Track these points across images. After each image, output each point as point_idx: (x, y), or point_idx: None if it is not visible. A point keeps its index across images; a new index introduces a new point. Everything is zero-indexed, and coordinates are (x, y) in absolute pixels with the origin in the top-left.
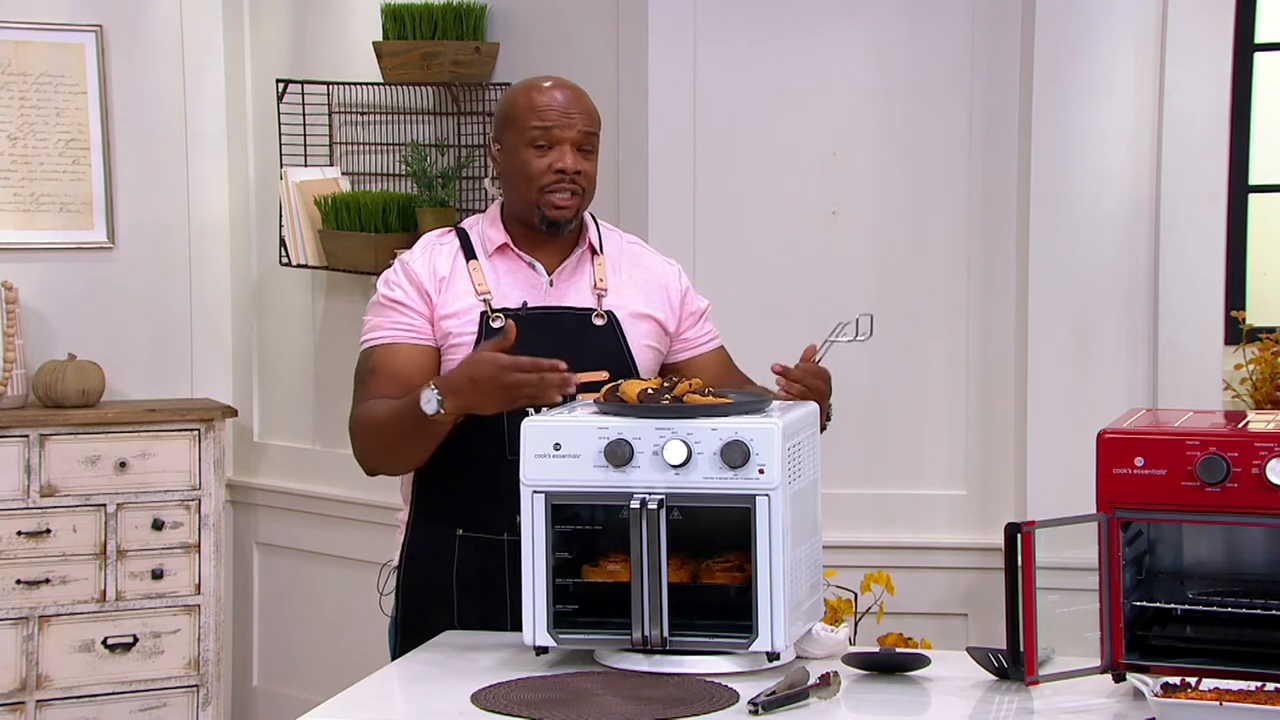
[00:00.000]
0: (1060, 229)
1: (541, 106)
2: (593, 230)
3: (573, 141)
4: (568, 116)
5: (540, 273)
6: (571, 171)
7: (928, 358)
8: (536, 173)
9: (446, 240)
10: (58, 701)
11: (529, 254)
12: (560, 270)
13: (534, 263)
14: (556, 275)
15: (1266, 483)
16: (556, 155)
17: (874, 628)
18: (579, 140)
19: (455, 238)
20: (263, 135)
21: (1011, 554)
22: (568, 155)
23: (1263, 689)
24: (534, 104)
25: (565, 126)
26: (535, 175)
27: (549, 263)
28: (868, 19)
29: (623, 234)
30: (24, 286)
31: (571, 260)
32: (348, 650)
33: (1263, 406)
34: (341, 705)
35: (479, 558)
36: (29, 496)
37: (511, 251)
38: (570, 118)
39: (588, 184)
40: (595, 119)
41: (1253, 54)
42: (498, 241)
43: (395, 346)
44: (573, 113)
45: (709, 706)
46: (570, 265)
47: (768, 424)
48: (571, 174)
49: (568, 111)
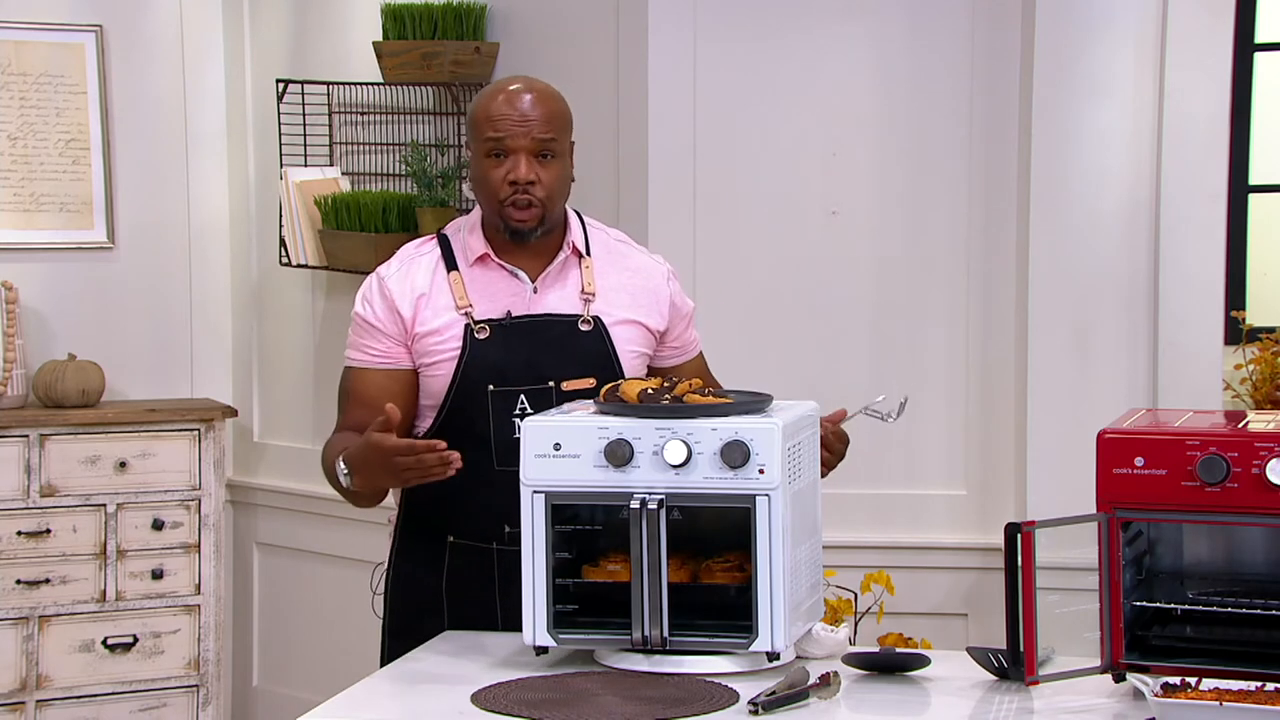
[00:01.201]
0: (1060, 229)
1: (496, 115)
2: (578, 231)
3: (527, 150)
4: (522, 124)
5: (524, 280)
6: (524, 182)
7: (927, 357)
8: (494, 184)
9: (426, 250)
10: (58, 701)
11: (510, 262)
12: (544, 276)
13: (516, 271)
14: (540, 281)
15: (1266, 483)
16: (510, 165)
17: (874, 628)
18: (534, 148)
19: (436, 247)
20: (263, 135)
21: (1011, 554)
22: (521, 165)
23: (1263, 689)
24: (489, 112)
25: (518, 135)
26: (493, 186)
27: (532, 268)
28: (867, 19)
29: (609, 231)
30: (24, 286)
31: (555, 265)
32: (347, 650)
33: (1263, 406)
34: (341, 705)
35: (469, 564)
36: (29, 496)
37: (492, 261)
38: (525, 125)
39: (545, 193)
40: (556, 122)
41: (1253, 54)
42: (478, 251)
43: (366, 372)
44: (529, 119)
45: (709, 706)
46: (555, 270)
47: (768, 424)
48: (524, 184)
49: (523, 119)
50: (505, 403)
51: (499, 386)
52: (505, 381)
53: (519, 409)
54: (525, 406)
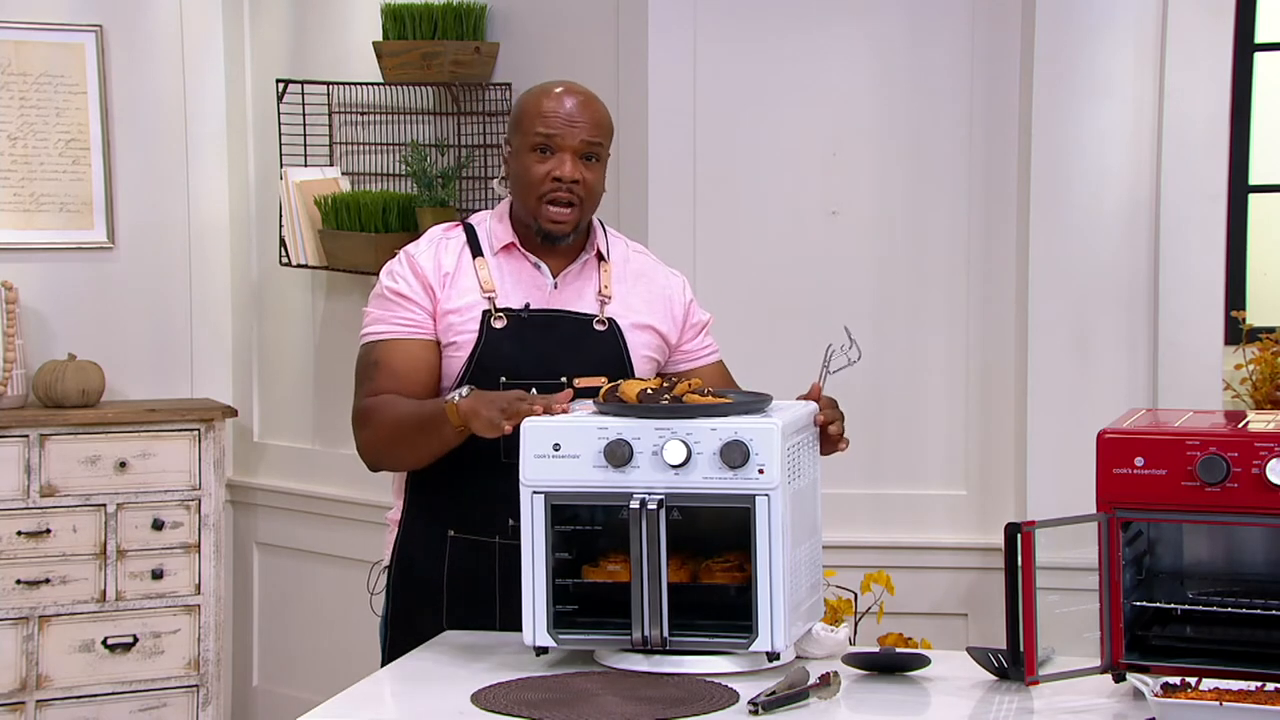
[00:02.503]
0: (1060, 229)
1: (547, 112)
2: (600, 237)
3: (574, 150)
4: (571, 125)
5: (545, 274)
6: (569, 180)
7: (928, 358)
8: (536, 179)
9: (453, 235)
10: (58, 701)
11: (535, 255)
12: (565, 274)
13: (539, 263)
14: (561, 278)
15: (1266, 483)
16: (556, 163)
17: (874, 628)
18: (580, 149)
19: (462, 233)
20: (263, 135)
21: (1011, 554)
22: (567, 163)
23: (1263, 689)
24: (540, 109)
25: (568, 135)
26: (535, 181)
27: (555, 265)
28: (868, 19)
29: (629, 242)
30: (24, 286)
31: (577, 265)
32: (347, 650)
33: (1263, 406)
34: (341, 705)
35: (470, 559)
36: (29, 496)
37: (518, 251)
38: (574, 126)
39: (586, 194)
40: (604, 128)
41: (1253, 54)
42: (504, 240)
43: (398, 342)
44: (577, 121)
45: (709, 706)
46: (576, 269)
47: (767, 424)
48: (569, 182)
49: (572, 119)
50: None
51: (512, 379)
52: (518, 374)
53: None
54: None
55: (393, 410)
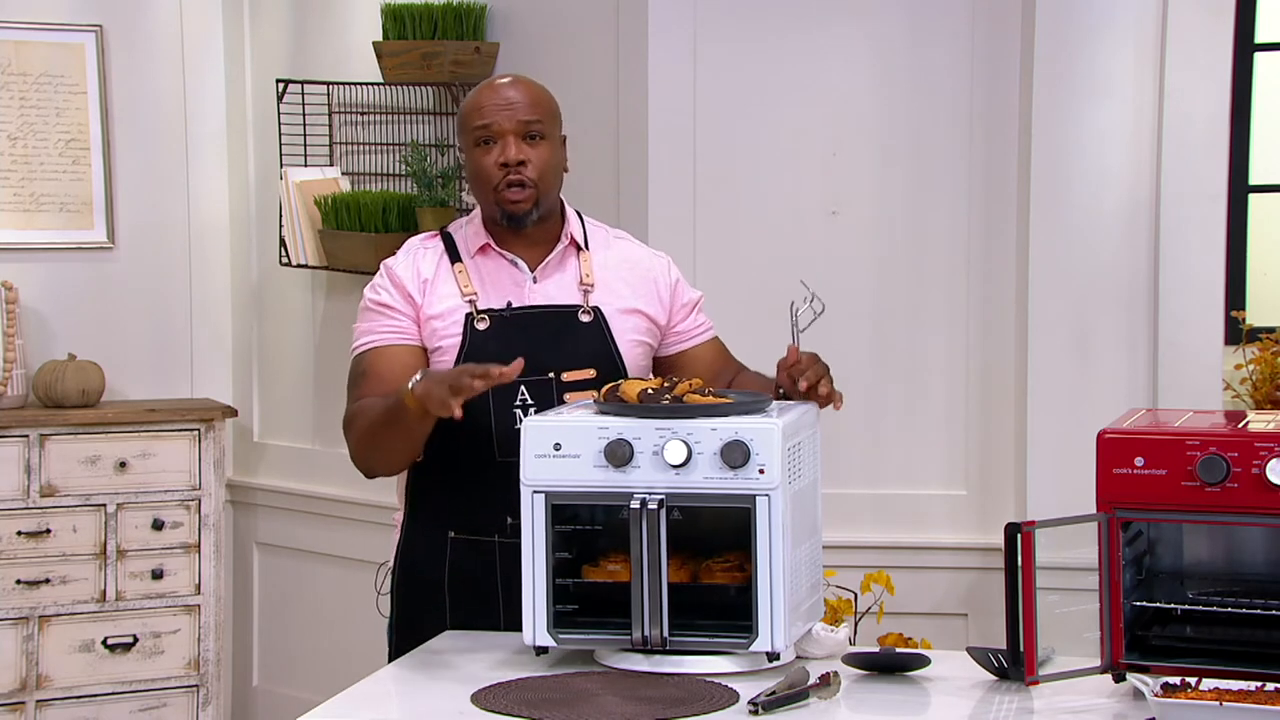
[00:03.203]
0: (1060, 229)
1: (483, 104)
2: (575, 226)
3: (513, 132)
4: (506, 108)
5: (523, 269)
6: (514, 162)
7: (927, 358)
8: (486, 171)
9: (431, 245)
10: (58, 701)
11: (510, 251)
12: (544, 265)
13: (516, 260)
14: (540, 270)
15: (1266, 483)
16: (499, 149)
17: (874, 628)
18: (520, 130)
19: (440, 242)
20: (263, 135)
21: (1011, 554)
22: (510, 147)
23: (1263, 689)
24: (476, 104)
25: (504, 119)
26: (486, 174)
27: (531, 258)
28: (867, 19)
29: (609, 229)
30: (24, 286)
31: (555, 256)
32: (347, 650)
33: (1263, 406)
34: (341, 705)
35: (471, 559)
36: (29, 496)
37: (493, 251)
38: (510, 108)
39: (536, 173)
40: (542, 106)
41: (1253, 54)
42: (479, 242)
43: (384, 349)
44: (513, 103)
45: (709, 706)
46: (555, 260)
47: (768, 424)
48: (515, 164)
49: (508, 103)
50: (506, 394)
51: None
52: None
53: (519, 400)
54: (526, 398)
55: (368, 411)
